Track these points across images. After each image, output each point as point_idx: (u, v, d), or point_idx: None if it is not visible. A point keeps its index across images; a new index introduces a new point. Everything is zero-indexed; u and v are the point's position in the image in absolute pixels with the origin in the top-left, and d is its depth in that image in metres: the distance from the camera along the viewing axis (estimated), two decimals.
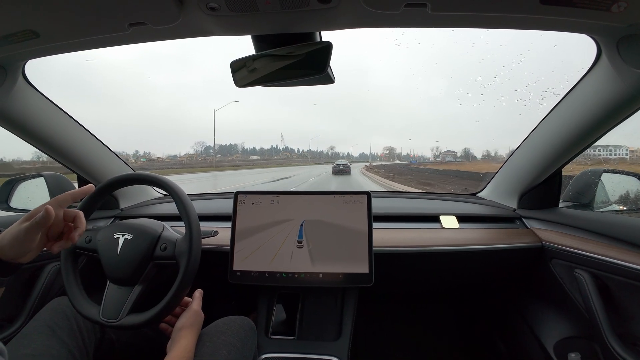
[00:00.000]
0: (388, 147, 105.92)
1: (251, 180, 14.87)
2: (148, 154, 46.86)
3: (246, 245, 1.14)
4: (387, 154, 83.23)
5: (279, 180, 15.62)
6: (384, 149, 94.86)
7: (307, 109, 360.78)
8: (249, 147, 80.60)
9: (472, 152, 42.39)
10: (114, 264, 0.93)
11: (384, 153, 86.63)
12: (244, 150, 77.56)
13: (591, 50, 0.87)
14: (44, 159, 8.82)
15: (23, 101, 1.05)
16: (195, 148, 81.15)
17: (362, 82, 63.60)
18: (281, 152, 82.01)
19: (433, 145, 66.11)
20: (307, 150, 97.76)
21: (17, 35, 0.76)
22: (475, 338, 1.66)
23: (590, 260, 0.99)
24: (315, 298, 1.21)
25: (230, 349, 0.89)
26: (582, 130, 1.02)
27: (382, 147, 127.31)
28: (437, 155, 43.76)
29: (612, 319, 0.96)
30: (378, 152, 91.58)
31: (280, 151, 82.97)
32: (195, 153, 73.02)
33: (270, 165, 44.80)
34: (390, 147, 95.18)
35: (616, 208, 1.28)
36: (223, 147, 79.86)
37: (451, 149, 47.91)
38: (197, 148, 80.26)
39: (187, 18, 0.73)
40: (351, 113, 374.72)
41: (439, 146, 61.01)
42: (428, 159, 45.32)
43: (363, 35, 34.73)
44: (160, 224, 1.02)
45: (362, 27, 0.80)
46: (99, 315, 0.89)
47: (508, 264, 1.27)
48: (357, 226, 1.12)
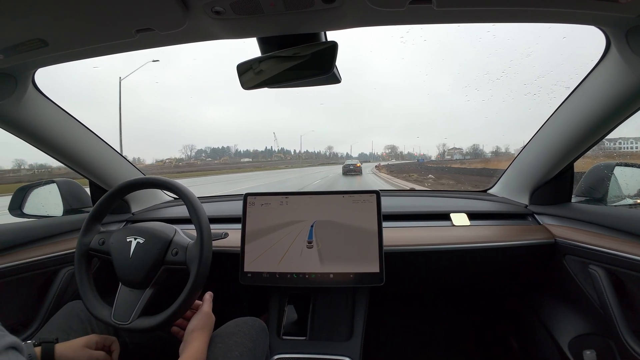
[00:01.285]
0: (389, 145, 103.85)
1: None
2: (138, 159, 47.03)
3: (256, 246, 1.15)
4: (388, 152, 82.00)
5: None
6: (385, 148, 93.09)
7: (304, 109, 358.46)
8: (242, 149, 79.94)
9: (481, 148, 41.79)
10: (126, 267, 0.94)
11: (385, 152, 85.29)
12: (236, 152, 76.84)
13: (600, 41, 0.86)
14: (28, 165, 8.97)
15: (34, 109, 1.06)
16: (184, 152, 80.00)
17: (363, 81, 62.77)
18: (274, 153, 79.76)
19: (439, 143, 65.27)
20: (304, 151, 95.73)
21: (26, 44, 0.77)
22: (489, 336, 1.65)
23: (605, 256, 0.98)
24: (326, 298, 1.21)
25: (243, 350, 0.89)
26: (593, 123, 1.00)
27: (383, 146, 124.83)
28: (441, 153, 43.13)
29: (627, 315, 0.94)
30: (378, 152, 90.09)
31: (274, 152, 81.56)
32: (186, 157, 72.50)
33: (263, 168, 43.25)
34: (392, 146, 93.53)
35: (630, 202, 1.25)
36: (215, 150, 79.25)
37: (457, 147, 47.26)
38: (187, 152, 79.22)
39: (193, 23, 0.73)
40: (351, 112, 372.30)
41: (445, 143, 60.10)
42: (430, 158, 44.72)
43: (368, 34, 34.38)
44: (172, 228, 1.03)
45: (367, 26, 0.80)
46: (111, 317, 0.90)
47: (521, 261, 1.26)
48: (367, 225, 1.12)
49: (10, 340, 0.48)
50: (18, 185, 1.39)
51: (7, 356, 0.46)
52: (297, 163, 59.51)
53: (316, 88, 0.97)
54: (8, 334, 0.49)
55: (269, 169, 38.01)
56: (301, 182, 15.98)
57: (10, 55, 0.82)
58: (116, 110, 38.77)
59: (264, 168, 42.34)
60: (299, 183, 15.82)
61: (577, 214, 1.18)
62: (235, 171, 34.71)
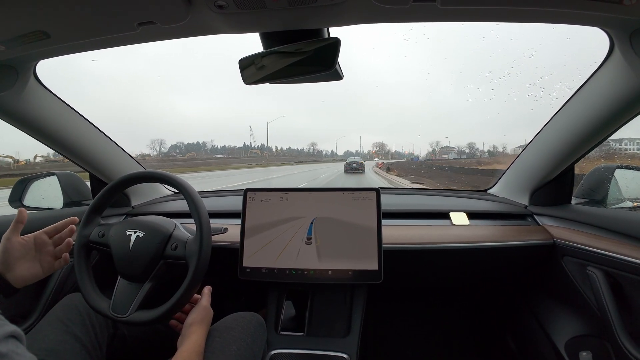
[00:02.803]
0: (378, 142, 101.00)
1: None
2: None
3: (256, 242, 1.15)
4: (377, 150, 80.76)
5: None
6: (374, 145, 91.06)
7: (285, 106, 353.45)
8: (219, 145, 77.68)
9: (477, 147, 41.34)
10: (125, 260, 0.94)
11: (374, 150, 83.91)
12: (212, 148, 75.05)
13: (604, 43, 0.86)
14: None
15: (35, 101, 1.06)
16: (152, 147, 76.47)
17: (352, 78, 62.29)
18: (250, 150, 75.41)
19: (432, 141, 64.16)
20: (286, 148, 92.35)
21: (28, 36, 0.77)
22: (486, 335, 1.65)
23: (603, 258, 0.98)
24: (325, 295, 1.22)
25: (240, 345, 0.90)
26: (594, 125, 1.00)
27: (371, 144, 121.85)
28: (435, 152, 42.31)
29: (624, 318, 0.94)
30: (366, 150, 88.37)
31: (250, 149, 76.61)
32: (155, 154, 70.03)
33: (229, 166, 36.96)
34: (381, 143, 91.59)
35: (630, 205, 1.25)
36: (190, 145, 77.50)
37: (451, 145, 46.64)
38: (155, 147, 75.39)
39: (196, 16, 0.73)
40: (337, 108, 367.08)
41: (439, 141, 59.36)
42: (417, 157, 43.47)
43: (369, 30, 33.68)
44: (172, 222, 1.03)
45: (370, 23, 0.79)
46: (109, 310, 0.91)
47: (519, 262, 1.26)
48: (367, 223, 1.12)
49: (11, 329, 0.48)
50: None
51: (7, 345, 0.46)
52: (270, 162, 52.50)
53: (304, 85, 0.97)
54: (8, 323, 0.49)
55: (224, 169, 31.40)
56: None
57: (11, 47, 0.82)
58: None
59: (229, 167, 36.43)
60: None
61: (577, 216, 1.18)
62: (192, 170, 28.66)
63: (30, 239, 0.86)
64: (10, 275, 0.80)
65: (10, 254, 0.81)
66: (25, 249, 0.84)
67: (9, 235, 0.82)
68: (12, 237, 0.82)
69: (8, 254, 0.81)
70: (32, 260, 0.86)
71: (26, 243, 0.84)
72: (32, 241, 0.86)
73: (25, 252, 0.84)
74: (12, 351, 0.46)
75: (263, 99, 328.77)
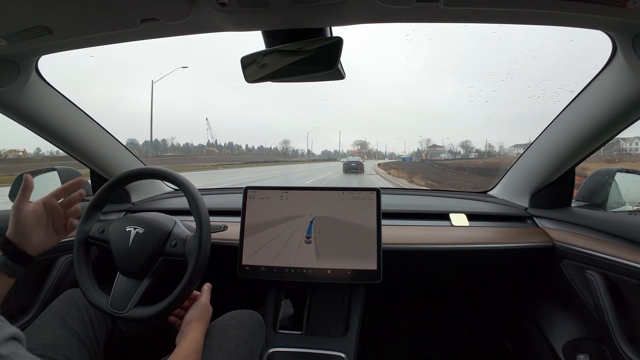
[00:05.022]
0: (359, 141, 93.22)
1: None
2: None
3: (255, 240, 1.15)
4: (359, 149, 77.88)
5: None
6: (355, 144, 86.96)
7: (258, 102, 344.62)
8: (181, 143, 72.93)
9: (472, 147, 41.02)
10: (124, 256, 0.94)
11: (356, 148, 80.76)
12: (172, 146, 72.00)
13: (606, 46, 0.85)
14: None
15: (36, 96, 1.06)
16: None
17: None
18: (205, 147, 69.86)
19: (421, 139, 62.72)
20: (257, 146, 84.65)
21: (30, 31, 0.77)
22: (483, 337, 1.65)
23: (602, 261, 0.98)
24: (323, 294, 1.22)
25: (239, 342, 0.90)
26: (596, 128, 1.00)
27: (351, 143, 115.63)
28: (425, 151, 41.44)
29: (622, 321, 0.94)
30: (345, 149, 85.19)
31: (204, 147, 70.80)
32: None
33: (183, 167, 27.31)
34: (362, 142, 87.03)
35: (629, 208, 1.25)
36: (148, 143, 74.52)
37: (439, 144, 45.67)
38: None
39: (198, 14, 0.73)
40: (311, 104, 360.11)
41: (430, 139, 58.11)
42: (410, 157, 42.57)
43: (369, 30, 33.43)
44: (171, 219, 1.03)
45: (373, 23, 0.79)
46: (108, 306, 0.91)
47: (518, 264, 1.26)
48: (366, 223, 1.12)
49: (11, 332, 0.48)
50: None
51: (7, 347, 0.46)
52: (237, 161, 45.30)
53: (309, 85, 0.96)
54: (9, 325, 0.49)
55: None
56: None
57: (13, 42, 0.82)
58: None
59: (179, 168, 27.79)
60: None
61: (576, 219, 1.18)
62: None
63: (39, 204, 0.83)
64: (27, 244, 0.79)
65: (24, 224, 0.79)
66: (36, 216, 0.82)
67: (18, 204, 0.79)
68: (22, 205, 0.79)
69: (21, 224, 0.79)
70: (46, 226, 0.84)
71: (37, 209, 0.82)
72: (42, 207, 0.84)
73: (37, 219, 0.82)
74: (13, 353, 0.46)
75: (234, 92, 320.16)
